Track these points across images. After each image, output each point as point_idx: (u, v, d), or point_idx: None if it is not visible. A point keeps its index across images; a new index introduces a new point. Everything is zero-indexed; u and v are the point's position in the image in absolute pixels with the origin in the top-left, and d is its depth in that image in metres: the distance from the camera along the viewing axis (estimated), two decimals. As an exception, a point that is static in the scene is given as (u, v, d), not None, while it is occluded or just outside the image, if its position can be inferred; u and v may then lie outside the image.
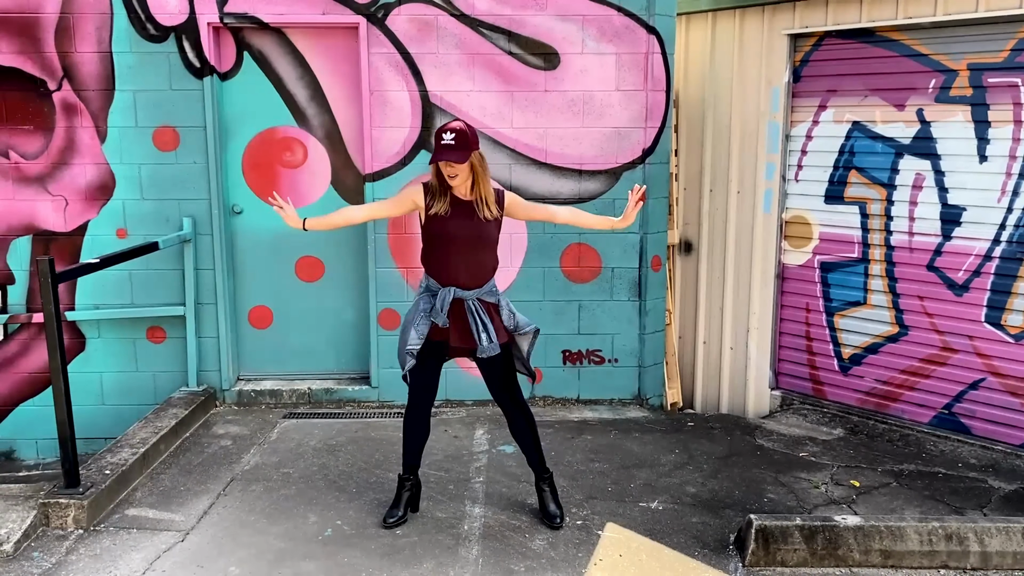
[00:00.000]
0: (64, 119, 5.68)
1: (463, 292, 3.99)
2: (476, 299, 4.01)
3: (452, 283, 4.00)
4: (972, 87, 5.11)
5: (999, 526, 3.89)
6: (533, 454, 4.30)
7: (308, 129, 5.89)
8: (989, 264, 5.16)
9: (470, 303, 3.99)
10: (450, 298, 3.97)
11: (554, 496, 4.34)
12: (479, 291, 4.03)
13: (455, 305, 4.00)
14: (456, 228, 3.95)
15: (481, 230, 3.99)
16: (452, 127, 3.86)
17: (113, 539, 4.16)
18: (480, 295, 4.03)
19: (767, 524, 3.89)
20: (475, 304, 3.99)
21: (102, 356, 5.94)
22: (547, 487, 4.33)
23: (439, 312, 3.97)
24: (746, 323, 6.24)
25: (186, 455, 5.16)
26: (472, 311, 3.99)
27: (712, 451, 5.28)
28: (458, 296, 3.99)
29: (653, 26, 5.70)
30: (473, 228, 3.97)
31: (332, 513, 4.42)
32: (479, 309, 3.99)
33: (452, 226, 3.96)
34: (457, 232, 3.95)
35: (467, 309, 3.99)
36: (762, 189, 6.02)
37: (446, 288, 3.99)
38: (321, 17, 5.63)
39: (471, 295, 4.01)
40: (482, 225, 3.98)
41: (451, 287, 3.99)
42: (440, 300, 3.97)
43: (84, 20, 5.57)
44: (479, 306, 4.00)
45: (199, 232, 5.82)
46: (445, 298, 3.97)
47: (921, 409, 5.53)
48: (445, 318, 3.98)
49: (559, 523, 4.23)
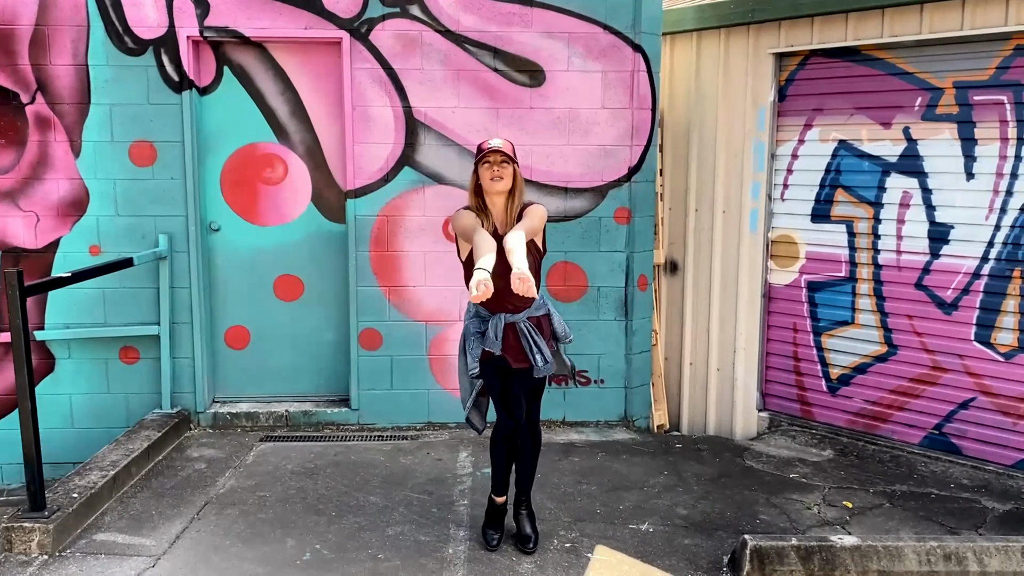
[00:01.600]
0: (37, 133, 5.53)
1: (513, 316, 3.90)
2: (526, 319, 3.92)
3: (501, 310, 3.89)
4: (958, 105, 5.10)
5: (998, 545, 3.79)
6: (528, 477, 4.17)
7: (289, 145, 5.79)
8: (978, 282, 5.12)
9: (521, 325, 3.90)
10: (502, 325, 3.88)
11: (531, 520, 4.20)
12: (528, 311, 3.94)
13: (507, 328, 3.91)
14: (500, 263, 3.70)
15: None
16: (495, 138, 3.90)
17: (80, 565, 3.96)
18: (530, 314, 3.94)
19: (762, 544, 3.78)
20: (527, 326, 3.91)
21: (72, 377, 5.75)
22: (525, 510, 4.20)
23: (494, 341, 3.87)
24: (733, 344, 6.16)
25: (158, 478, 4.97)
26: (525, 333, 3.90)
27: (702, 473, 5.16)
28: (508, 321, 3.90)
29: (639, 44, 5.67)
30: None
31: (311, 537, 4.25)
32: (531, 330, 3.90)
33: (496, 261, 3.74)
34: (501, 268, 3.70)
35: (519, 332, 3.90)
36: (748, 208, 5.97)
37: (496, 316, 3.89)
38: (304, 32, 5.55)
39: (521, 317, 3.92)
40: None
41: (501, 314, 3.89)
42: (493, 329, 3.88)
43: (60, 32, 5.45)
44: (531, 326, 3.91)
45: (175, 249, 5.67)
46: (497, 326, 3.87)
47: (911, 429, 5.45)
48: (500, 345, 3.88)
49: (532, 547, 4.09)
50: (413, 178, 5.71)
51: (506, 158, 3.79)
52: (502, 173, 3.80)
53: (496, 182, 3.80)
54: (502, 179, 3.80)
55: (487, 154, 3.80)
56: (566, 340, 4.12)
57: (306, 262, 5.90)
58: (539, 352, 3.88)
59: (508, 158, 3.79)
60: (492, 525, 4.17)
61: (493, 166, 3.80)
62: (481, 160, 3.82)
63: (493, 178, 3.79)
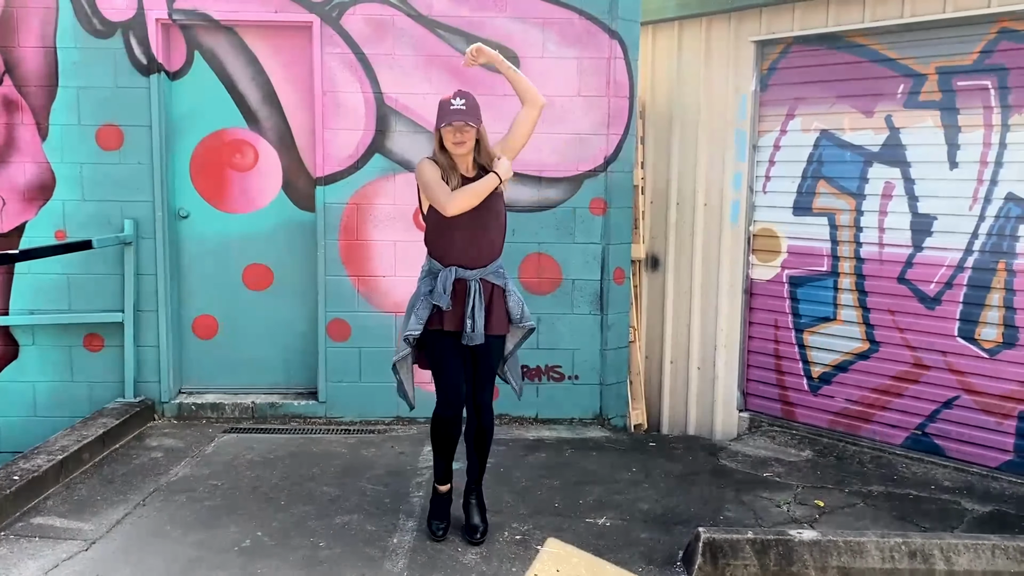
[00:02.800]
0: (4, 115, 5.47)
1: (466, 272, 3.74)
2: (479, 279, 3.76)
3: (456, 263, 3.75)
4: (941, 91, 4.93)
5: (967, 543, 3.59)
6: (476, 466, 4.02)
7: (259, 131, 5.69)
8: (962, 275, 4.92)
9: (472, 283, 3.74)
10: (452, 278, 3.72)
11: (480, 510, 4.03)
12: (483, 271, 3.78)
13: (458, 286, 3.74)
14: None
15: (489, 203, 3.75)
16: (460, 92, 3.74)
17: (11, 547, 3.84)
18: (484, 275, 3.78)
19: (715, 537, 3.59)
20: (476, 285, 3.74)
21: (36, 364, 5.65)
22: (475, 499, 4.04)
23: (441, 294, 3.70)
24: (714, 341, 5.97)
25: (111, 466, 4.86)
26: (471, 294, 3.72)
27: (671, 469, 4.98)
28: (460, 276, 3.73)
29: (616, 31, 5.54)
30: (481, 202, 3.70)
31: (254, 524, 4.11)
32: (479, 292, 3.74)
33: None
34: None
35: (467, 292, 3.73)
36: (729, 201, 5.81)
37: (448, 268, 3.75)
38: (274, 15, 5.47)
39: (474, 275, 3.75)
40: (490, 198, 3.74)
41: (453, 267, 3.74)
42: (441, 281, 3.72)
43: (28, 14, 5.40)
44: (479, 288, 3.75)
45: (142, 235, 5.57)
46: (447, 278, 3.72)
47: (893, 430, 5.24)
48: (448, 300, 3.71)
49: (480, 538, 3.91)
50: (383, 165, 5.59)
51: (468, 122, 3.67)
52: (464, 137, 3.70)
53: (459, 146, 3.71)
54: (464, 143, 3.71)
55: (451, 118, 3.67)
56: (521, 323, 3.93)
57: (276, 250, 5.78)
58: (471, 317, 3.70)
59: (471, 122, 3.68)
60: (437, 515, 4.01)
61: (456, 131, 3.69)
62: (444, 123, 3.69)
63: (456, 142, 3.71)
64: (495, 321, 3.82)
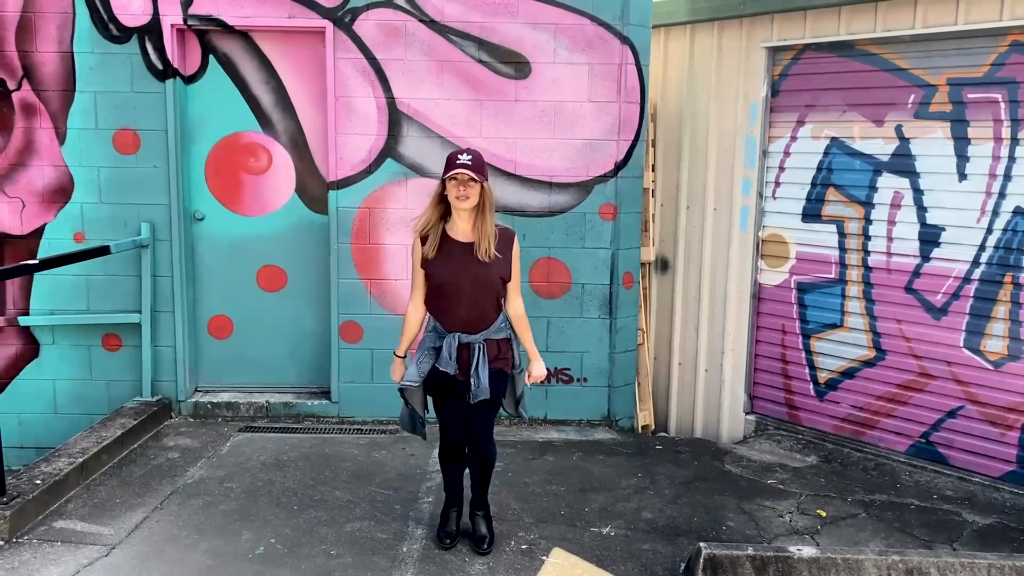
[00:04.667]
0: (23, 119, 5.56)
1: (469, 337, 3.84)
2: (482, 341, 3.85)
3: (456, 329, 3.84)
4: (952, 103, 4.93)
5: (963, 561, 3.65)
6: (479, 486, 4.11)
7: (273, 135, 5.76)
8: (968, 287, 4.95)
9: (475, 346, 3.84)
10: (455, 344, 3.82)
11: (487, 521, 4.13)
12: (486, 333, 3.87)
13: (461, 348, 3.85)
14: (455, 273, 3.79)
15: (481, 273, 3.79)
16: (467, 149, 3.81)
17: (34, 552, 3.97)
18: (487, 336, 3.87)
19: (716, 553, 3.67)
20: (480, 347, 3.84)
21: (56, 363, 5.78)
22: (481, 512, 4.14)
23: (447, 361, 3.82)
24: (721, 344, 6.03)
25: (129, 467, 4.98)
26: (475, 355, 3.83)
27: (676, 476, 5.06)
28: (464, 342, 3.84)
29: (627, 36, 5.55)
30: (472, 272, 3.78)
31: (268, 530, 4.22)
32: (481, 355, 3.83)
33: (450, 271, 3.80)
34: (456, 277, 3.79)
35: (471, 353, 3.85)
36: (738, 206, 5.84)
37: (451, 335, 3.84)
38: (287, 21, 5.51)
39: (477, 339, 3.85)
40: (483, 268, 3.79)
41: (455, 333, 3.84)
42: (447, 348, 3.82)
43: (45, 19, 5.47)
44: (482, 351, 3.84)
45: (158, 238, 5.67)
46: (451, 345, 3.82)
47: (898, 437, 5.30)
48: (455, 366, 3.83)
49: (487, 548, 4.02)
50: (395, 170, 5.65)
51: (474, 177, 3.71)
52: (468, 192, 3.73)
53: (462, 200, 3.75)
54: (468, 198, 3.74)
55: (456, 171, 3.72)
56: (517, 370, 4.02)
57: (289, 253, 5.87)
58: (475, 376, 3.81)
59: (476, 178, 3.71)
60: (446, 526, 4.12)
61: (460, 184, 3.73)
62: (449, 176, 3.74)
63: (459, 196, 3.74)
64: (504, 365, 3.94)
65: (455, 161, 3.73)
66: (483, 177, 3.76)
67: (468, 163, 3.71)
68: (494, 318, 3.88)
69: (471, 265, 3.77)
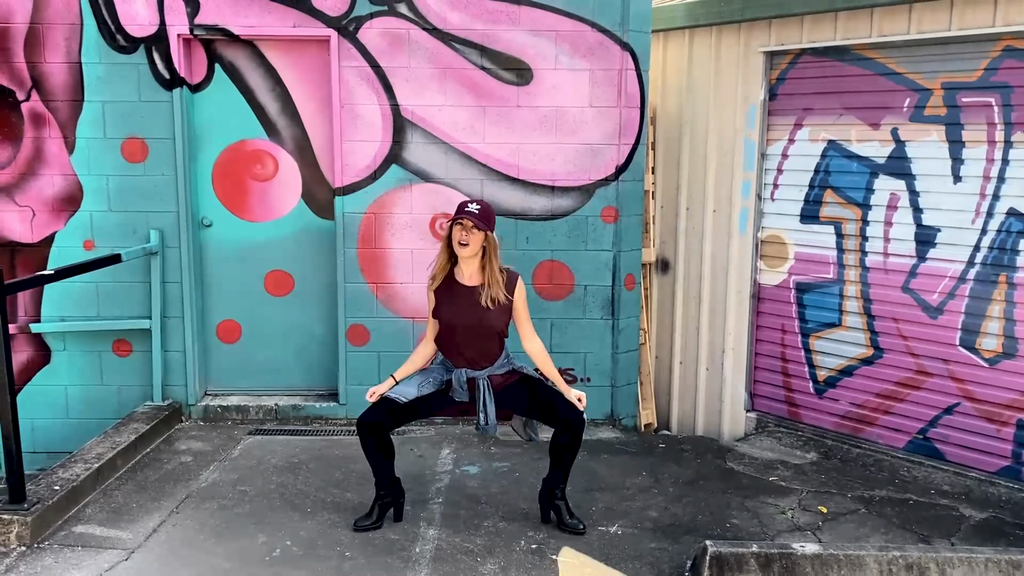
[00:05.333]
0: (32, 129, 5.63)
1: (474, 372, 4.17)
2: (487, 377, 4.16)
3: (462, 365, 4.18)
4: (946, 106, 5.03)
5: (961, 556, 3.76)
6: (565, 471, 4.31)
7: (279, 142, 5.84)
8: (964, 286, 5.06)
9: (480, 382, 4.15)
10: (464, 379, 4.16)
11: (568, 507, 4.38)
12: (490, 369, 4.18)
13: (468, 382, 4.19)
14: (458, 315, 4.10)
15: (484, 318, 4.08)
16: (477, 200, 4.12)
17: (56, 557, 4.06)
18: (491, 372, 4.19)
19: (722, 551, 3.78)
20: (484, 383, 4.15)
21: (67, 369, 5.87)
22: (561, 499, 4.36)
23: (459, 391, 4.17)
24: (722, 344, 6.14)
25: (144, 471, 5.08)
26: (480, 391, 4.15)
27: (680, 475, 5.17)
28: (470, 376, 4.17)
29: (627, 42, 5.64)
30: (475, 315, 4.08)
31: (283, 533, 4.32)
32: (487, 391, 4.15)
33: (457, 313, 4.10)
34: (459, 319, 4.10)
35: (476, 388, 4.16)
36: (738, 208, 5.94)
37: (458, 371, 4.16)
38: (292, 30, 5.59)
39: (482, 375, 4.17)
40: (485, 313, 4.08)
41: (462, 369, 4.16)
42: (457, 382, 4.16)
43: (53, 30, 5.54)
44: (487, 387, 4.15)
45: (167, 245, 5.75)
46: (460, 379, 4.15)
47: (896, 434, 5.41)
48: (467, 395, 4.18)
49: (583, 528, 4.31)
50: (400, 176, 5.74)
51: (477, 224, 3.95)
52: (468, 239, 4.01)
53: (462, 247, 4.02)
54: (467, 245, 4.01)
55: (460, 216, 3.97)
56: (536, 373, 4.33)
57: (296, 258, 5.96)
58: (484, 411, 4.12)
59: (479, 226, 3.96)
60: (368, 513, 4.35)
61: (463, 230, 4.00)
62: (455, 220, 4.00)
63: (460, 241, 4.02)
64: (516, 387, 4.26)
65: (463, 208, 4.01)
66: (487, 227, 4.01)
67: (475, 212, 3.99)
68: (497, 356, 4.21)
69: (474, 308, 4.08)
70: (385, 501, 4.37)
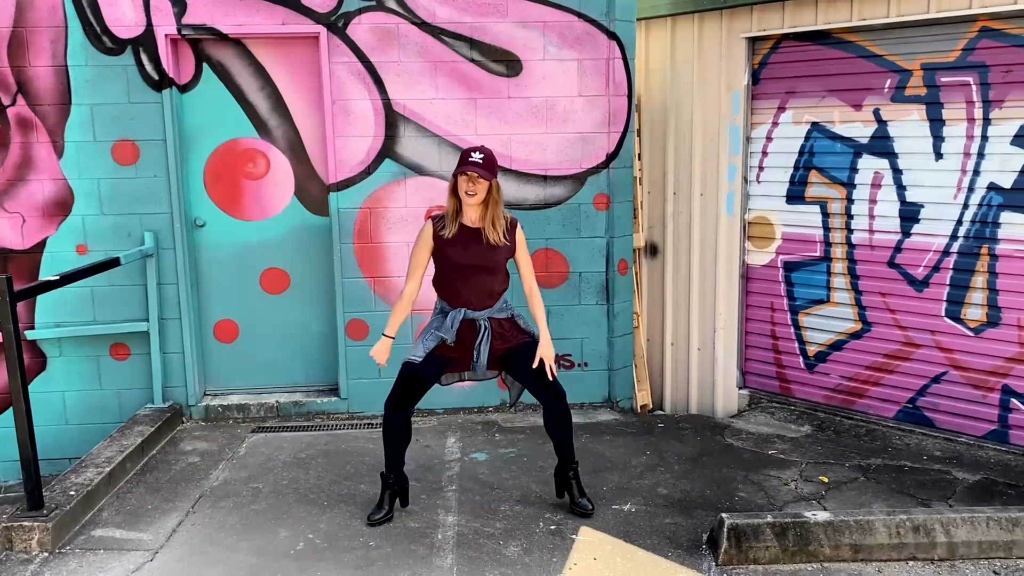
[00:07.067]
0: (19, 134, 5.58)
1: (474, 313, 4.21)
2: (487, 318, 4.23)
3: (463, 306, 4.22)
4: (926, 86, 5.21)
5: (964, 516, 3.95)
6: (567, 445, 4.41)
7: (270, 140, 5.85)
8: (947, 259, 5.26)
9: (480, 322, 4.21)
10: (460, 318, 4.19)
11: (580, 486, 4.47)
12: (489, 311, 4.24)
13: (466, 324, 4.21)
14: (464, 255, 4.17)
15: (488, 255, 4.17)
16: (480, 147, 4.11)
17: (80, 561, 4.08)
18: (491, 314, 4.24)
19: (739, 522, 3.92)
20: (485, 323, 4.22)
21: (64, 375, 5.84)
22: (574, 478, 4.45)
23: (449, 329, 4.18)
24: (712, 324, 6.29)
25: (153, 473, 5.09)
26: (480, 331, 4.21)
27: (683, 452, 5.31)
28: (469, 317, 4.20)
29: (614, 32, 5.74)
30: (481, 254, 4.16)
31: (303, 527, 4.38)
32: (487, 329, 4.22)
33: (460, 252, 4.17)
34: (465, 258, 4.17)
35: (477, 328, 4.21)
36: (724, 191, 6.08)
37: (458, 309, 4.21)
38: (281, 27, 5.59)
39: (482, 315, 4.22)
40: (489, 251, 4.16)
41: (462, 308, 4.20)
42: (450, 319, 4.19)
43: (38, 34, 5.48)
44: (488, 326, 4.22)
45: (161, 246, 5.74)
46: (455, 317, 4.19)
47: (886, 404, 5.61)
48: (454, 335, 4.19)
49: (591, 510, 4.40)
50: (394, 170, 5.79)
51: (482, 174, 4.02)
52: (476, 188, 4.08)
53: (470, 196, 4.09)
54: (475, 194, 4.09)
55: (466, 168, 4.03)
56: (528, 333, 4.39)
57: (291, 255, 5.98)
58: (477, 350, 4.20)
59: (484, 175, 4.03)
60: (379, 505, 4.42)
61: (469, 181, 4.07)
62: (460, 171, 4.07)
63: (467, 191, 4.09)
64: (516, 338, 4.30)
65: (467, 159, 4.06)
66: (492, 175, 4.06)
67: (479, 162, 4.04)
68: (498, 298, 4.27)
69: (477, 247, 4.16)
70: (394, 489, 4.44)
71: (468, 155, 4.06)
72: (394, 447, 4.36)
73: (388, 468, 4.42)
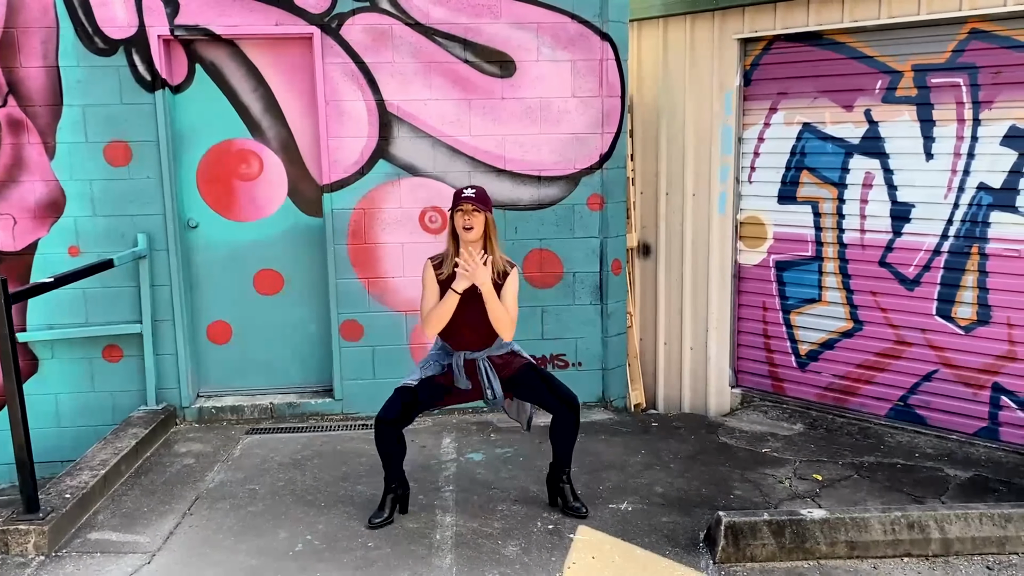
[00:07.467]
0: (10, 136, 5.54)
1: (473, 354, 4.29)
2: (486, 358, 4.30)
3: (462, 348, 4.29)
4: (917, 87, 5.26)
5: (958, 512, 4.00)
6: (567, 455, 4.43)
7: (263, 141, 5.84)
8: (938, 259, 5.31)
9: (480, 363, 4.28)
10: (462, 362, 4.28)
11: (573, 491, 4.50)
12: (488, 350, 4.31)
13: (468, 366, 4.30)
14: (462, 299, 4.17)
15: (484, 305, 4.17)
16: (470, 185, 4.33)
17: (76, 564, 4.06)
18: (489, 353, 4.31)
19: (736, 520, 3.95)
20: (484, 364, 4.29)
21: (57, 377, 5.80)
22: (567, 482, 4.48)
23: (459, 377, 4.27)
24: (705, 323, 6.33)
25: (148, 475, 5.07)
26: (481, 370, 4.27)
27: (678, 451, 5.34)
28: (469, 359, 4.29)
29: (607, 33, 5.76)
30: (477, 299, 4.16)
31: (302, 528, 4.38)
32: (488, 368, 4.28)
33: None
34: (463, 303, 4.17)
35: (477, 369, 4.28)
36: (716, 191, 6.12)
37: (458, 353, 4.29)
38: (274, 28, 5.58)
39: (481, 356, 4.29)
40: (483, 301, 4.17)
41: (462, 352, 4.28)
42: (456, 366, 4.28)
43: (29, 34, 5.45)
44: (488, 365, 4.29)
45: (154, 248, 5.72)
46: (459, 363, 4.27)
47: (878, 402, 5.66)
48: (466, 381, 4.28)
49: (586, 512, 4.42)
50: (388, 171, 5.79)
51: (477, 207, 4.10)
52: (472, 222, 4.14)
53: (468, 231, 4.15)
54: (472, 228, 4.15)
55: (460, 202, 4.12)
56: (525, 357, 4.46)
57: (285, 256, 5.97)
58: (490, 388, 4.27)
59: (479, 208, 4.11)
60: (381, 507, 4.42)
61: (465, 214, 4.14)
62: (455, 208, 4.15)
63: (465, 226, 4.15)
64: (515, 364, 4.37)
65: (460, 195, 4.16)
66: (486, 208, 4.16)
67: (472, 196, 4.16)
68: (496, 338, 4.32)
69: (473, 290, 4.17)
70: (396, 494, 4.45)
71: (461, 192, 4.18)
72: (389, 459, 4.37)
73: (389, 477, 4.42)
